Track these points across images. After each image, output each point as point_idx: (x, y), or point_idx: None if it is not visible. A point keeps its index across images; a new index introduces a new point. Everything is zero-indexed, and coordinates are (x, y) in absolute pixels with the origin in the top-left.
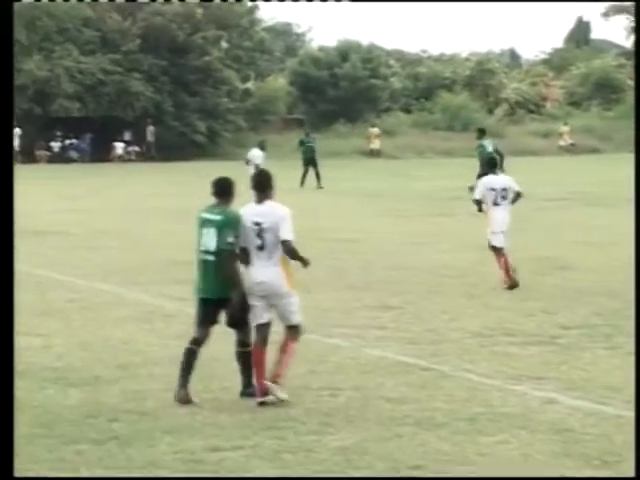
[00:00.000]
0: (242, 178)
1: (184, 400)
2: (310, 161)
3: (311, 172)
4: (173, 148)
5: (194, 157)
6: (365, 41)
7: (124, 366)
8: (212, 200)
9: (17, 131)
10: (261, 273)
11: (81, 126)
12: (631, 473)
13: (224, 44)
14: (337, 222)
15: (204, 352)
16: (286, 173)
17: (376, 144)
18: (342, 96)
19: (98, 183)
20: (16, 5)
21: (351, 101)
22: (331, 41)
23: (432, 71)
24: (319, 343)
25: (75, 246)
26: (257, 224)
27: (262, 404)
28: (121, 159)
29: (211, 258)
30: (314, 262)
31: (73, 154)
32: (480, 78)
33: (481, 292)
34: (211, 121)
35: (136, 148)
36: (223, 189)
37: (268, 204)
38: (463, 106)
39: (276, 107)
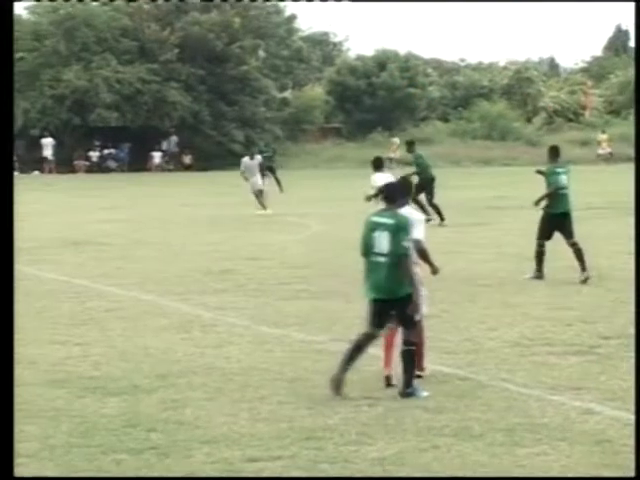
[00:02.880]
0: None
1: (335, 384)
2: (269, 169)
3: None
4: (210, 157)
5: (231, 166)
6: (402, 50)
7: (162, 375)
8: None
9: (50, 141)
10: None
11: (119, 136)
12: None
13: (262, 53)
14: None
15: (242, 361)
16: (322, 182)
17: (396, 154)
18: (379, 105)
19: (136, 193)
20: (55, 15)
21: (388, 110)
22: (368, 50)
23: (470, 80)
24: None
25: (113, 256)
26: None
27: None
28: (159, 168)
29: (383, 260)
30: (349, 271)
31: (111, 164)
32: (518, 87)
33: (518, 301)
34: (248, 130)
35: None
36: (392, 194)
37: (404, 211)
38: (501, 115)
39: (313, 116)
